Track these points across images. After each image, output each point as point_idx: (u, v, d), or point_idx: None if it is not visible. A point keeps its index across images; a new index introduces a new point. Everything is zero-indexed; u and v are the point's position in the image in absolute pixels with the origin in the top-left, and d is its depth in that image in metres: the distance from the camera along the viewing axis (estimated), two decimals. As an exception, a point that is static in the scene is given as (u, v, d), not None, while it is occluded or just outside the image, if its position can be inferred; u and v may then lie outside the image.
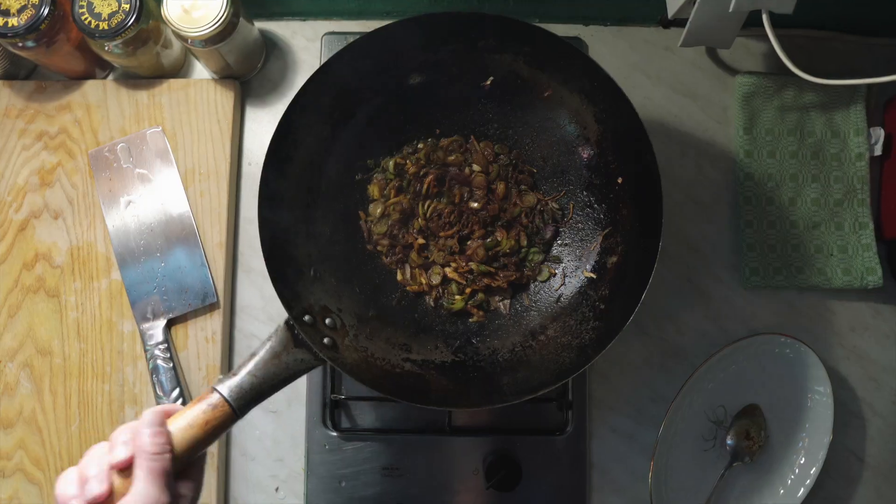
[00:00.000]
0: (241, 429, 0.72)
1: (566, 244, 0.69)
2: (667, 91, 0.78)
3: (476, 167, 0.69)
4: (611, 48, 0.79)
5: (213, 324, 0.71)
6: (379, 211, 0.69)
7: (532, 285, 0.69)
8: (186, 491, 0.48)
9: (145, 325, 0.70)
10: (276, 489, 0.72)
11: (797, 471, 0.72)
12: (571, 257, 0.69)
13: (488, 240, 0.69)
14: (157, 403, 0.68)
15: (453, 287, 0.69)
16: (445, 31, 0.63)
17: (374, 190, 0.70)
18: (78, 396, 0.70)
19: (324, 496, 0.71)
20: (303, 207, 0.64)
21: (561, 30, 0.79)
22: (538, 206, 0.69)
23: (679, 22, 0.77)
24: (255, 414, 0.73)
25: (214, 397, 0.52)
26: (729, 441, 0.72)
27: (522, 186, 0.70)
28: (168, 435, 0.48)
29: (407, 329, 0.67)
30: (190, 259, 0.72)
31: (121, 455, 0.46)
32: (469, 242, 0.69)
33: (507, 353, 0.66)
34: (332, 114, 0.65)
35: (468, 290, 0.68)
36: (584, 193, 0.68)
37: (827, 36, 0.78)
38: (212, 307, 0.72)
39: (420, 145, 0.70)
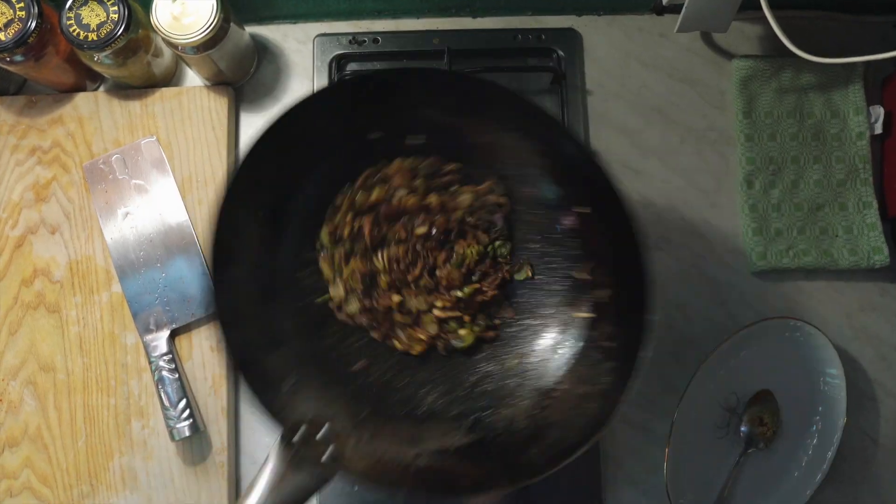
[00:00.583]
0: (249, 436, 0.72)
1: (542, 291, 0.65)
2: (663, 78, 0.77)
3: (401, 192, 0.64)
4: (605, 37, 0.78)
5: (217, 332, 0.71)
6: (341, 290, 0.63)
7: (529, 344, 0.63)
8: None
9: (149, 337, 0.70)
10: None
11: (812, 455, 0.71)
12: (557, 305, 0.63)
13: (453, 259, 0.64)
14: (164, 415, 0.67)
15: (452, 325, 0.64)
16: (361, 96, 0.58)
17: (325, 269, 0.64)
18: (83, 411, 0.69)
19: (336, 501, 0.70)
20: (260, 315, 0.58)
21: (553, 21, 0.78)
22: (476, 202, 0.64)
23: (673, 8, 0.77)
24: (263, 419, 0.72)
25: None
26: (742, 428, 0.71)
27: (453, 188, 0.64)
28: None
29: (410, 419, 0.61)
30: (191, 268, 0.71)
31: None
32: (438, 272, 0.65)
33: (524, 420, 0.59)
34: (268, 199, 0.60)
35: (467, 318, 0.64)
36: (553, 236, 0.63)
37: (821, 15, 0.78)
38: (215, 316, 0.71)
39: (338, 201, 0.64)
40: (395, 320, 0.64)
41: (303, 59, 0.78)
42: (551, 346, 0.62)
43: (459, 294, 0.64)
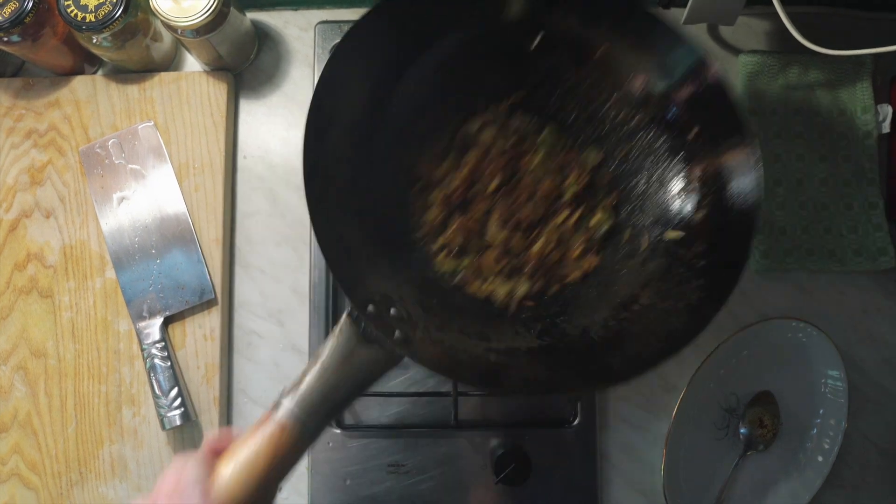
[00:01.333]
0: (241, 426, 0.71)
1: (635, 195, 0.62)
2: (669, 73, 0.76)
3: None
4: (611, 30, 0.77)
5: (211, 321, 0.70)
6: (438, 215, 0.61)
7: (617, 251, 0.60)
8: None
9: (142, 324, 0.69)
10: (280, 489, 0.70)
11: (812, 458, 0.70)
12: (647, 210, 0.60)
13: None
14: (156, 403, 0.66)
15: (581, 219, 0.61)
16: None
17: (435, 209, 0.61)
18: (74, 398, 0.68)
19: (329, 495, 0.69)
20: (350, 180, 0.55)
21: (559, 13, 0.77)
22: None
23: (679, 2, 0.75)
24: (255, 411, 0.72)
25: (281, 416, 0.44)
26: (742, 429, 0.70)
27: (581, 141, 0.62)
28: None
29: (478, 316, 0.58)
30: (186, 255, 0.70)
31: None
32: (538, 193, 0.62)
33: (599, 330, 0.56)
34: (387, 59, 0.56)
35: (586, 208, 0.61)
36: (652, 133, 0.59)
37: (831, 11, 0.76)
38: (209, 304, 0.70)
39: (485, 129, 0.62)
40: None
41: (304, 47, 0.77)
42: (640, 259, 0.59)
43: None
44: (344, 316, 0.48)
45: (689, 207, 0.57)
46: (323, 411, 0.45)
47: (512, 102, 0.63)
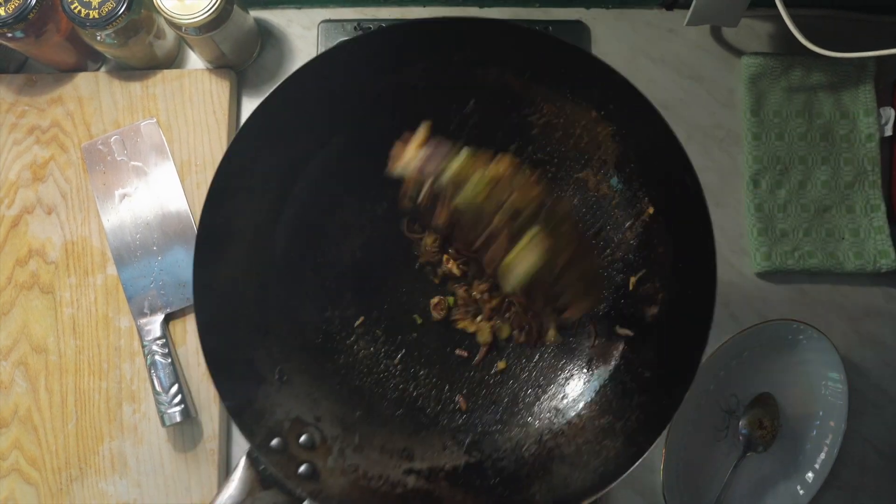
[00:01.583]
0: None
1: None
2: (671, 74, 0.76)
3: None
4: (613, 31, 0.77)
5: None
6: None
7: (560, 355, 0.56)
8: None
9: (142, 321, 0.69)
10: (279, 487, 0.70)
11: (811, 460, 0.70)
12: (599, 312, 0.56)
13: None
14: (156, 400, 0.66)
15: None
16: (411, 45, 0.52)
17: None
18: (74, 394, 0.68)
19: (327, 493, 0.69)
20: (255, 290, 0.53)
21: (562, 14, 0.77)
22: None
23: (682, 3, 0.75)
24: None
25: None
26: (742, 430, 0.70)
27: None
28: None
29: (406, 426, 0.55)
30: (187, 252, 0.70)
31: None
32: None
33: (533, 446, 0.52)
34: (280, 163, 0.54)
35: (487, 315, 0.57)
36: (605, 232, 0.56)
37: (834, 14, 0.76)
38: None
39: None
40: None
41: (307, 46, 0.77)
42: (584, 360, 0.55)
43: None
44: (243, 459, 0.46)
45: (642, 302, 0.53)
46: None
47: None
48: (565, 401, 0.54)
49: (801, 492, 0.69)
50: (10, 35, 0.65)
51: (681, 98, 0.76)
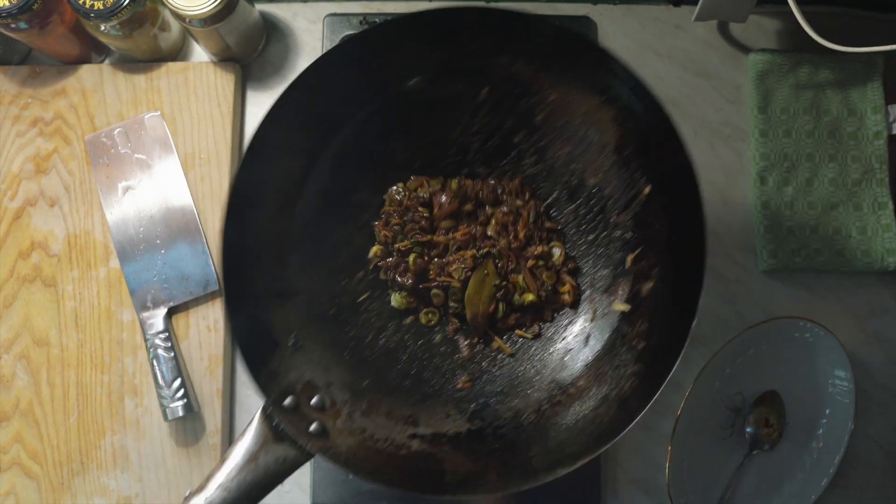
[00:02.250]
0: (244, 419, 0.70)
1: (588, 272, 0.61)
2: (678, 70, 0.76)
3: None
4: (620, 27, 0.77)
5: (214, 312, 0.69)
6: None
7: (560, 330, 0.59)
8: None
9: (145, 314, 0.68)
10: (282, 482, 0.70)
11: (817, 458, 0.70)
12: (597, 289, 0.59)
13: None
14: (158, 394, 0.66)
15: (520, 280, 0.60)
16: (434, 33, 0.54)
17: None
18: (76, 388, 0.68)
19: (330, 489, 0.68)
20: (274, 260, 0.55)
21: (569, 9, 0.77)
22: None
23: (690, -1, 0.75)
24: (257, 403, 0.71)
25: None
26: (748, 429, 0.70)
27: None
28: None
29: (411, 396, 0.58)
30: (191, 246, 0.70)
31: None
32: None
33: (532, 415, 0.56)
34: (304, 140, 0.57)
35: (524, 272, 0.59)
36: (606, 210, 0.59)
37: (842, 11, 0.76)
38: (213, 295, 0.69)
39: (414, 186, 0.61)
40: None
41: (312, 39, 0.76)
42: (582, 336, 0.58)
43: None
44: (257, 413, 0.48)
45: (638, 279, 0.56)
46: None
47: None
48: (563, 374, 0.57)
49: (807, 490, 0.69)
50: (14, 26, 0.65)
51: (688, 94, 0.76)
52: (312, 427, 0.49)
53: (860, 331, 0.73)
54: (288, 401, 0.49)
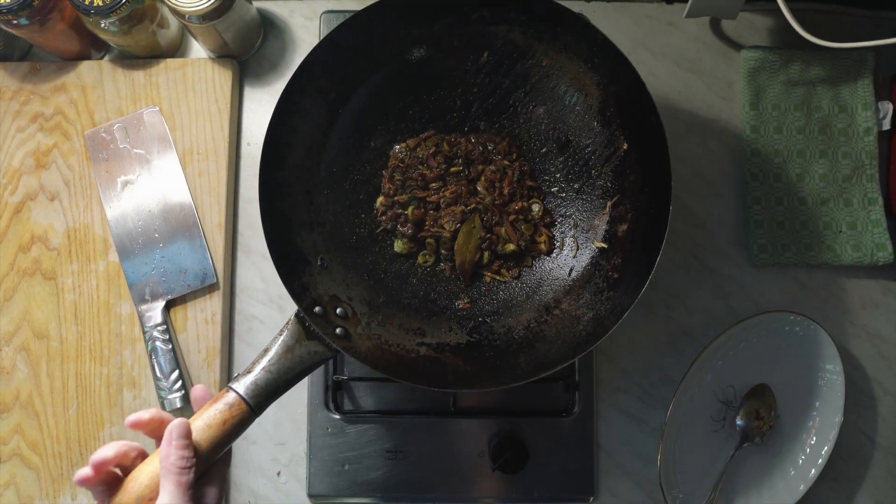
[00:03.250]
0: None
1: (573, 215, 0.68)
2: (671, 67, 0.77)
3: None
4: (613, 24, 0.77)
5: (212, 305, 0.70)
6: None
7: (543, 258, 0.68)
8: (211, 498, 0.49)
9: (144, 307, 0.69)
10: (278, 473, 0.71)
11: (808, 451, 0.71)
12: (580, 229, 0.68)
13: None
14: (156, 386, 0.67)
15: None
16: (437, 3, 0.63)
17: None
18: (75, 380, 0.69)
19: (326, 480, 0.69)
20: (304, 194, 0.64)
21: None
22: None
23: (683, -4, 0.76)
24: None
25: (231, 396, 0.52)
26: (739, 421, 0.70)
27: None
28: (193, 448, 0.48)
29: (420, 312, 0.67)
30: (189, 240, 0.71)
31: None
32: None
33: (521, 331, 0.65)
34: (328, 95, 0.64)
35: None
36: (590, 163, 0.67)
37: (831, 9, 0.77)
38: (211, 288, 0.70)
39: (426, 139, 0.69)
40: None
41: (309, 36, 0.77)
42: (567, 268, 0.67)
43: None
44: (292, 316, 0.57)
45: (615, 221, 0.66)
46: (265, 394, 0.53)
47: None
48: (549, 298, 0.67)
49: (798, 482, 0.70)
50: (14, 22, 0.66)
51: (680, 91, 0.76)
52: (337, 331, 0.59)
53: (850, 325, 0.74)
54: (317, 309, 0.59)
